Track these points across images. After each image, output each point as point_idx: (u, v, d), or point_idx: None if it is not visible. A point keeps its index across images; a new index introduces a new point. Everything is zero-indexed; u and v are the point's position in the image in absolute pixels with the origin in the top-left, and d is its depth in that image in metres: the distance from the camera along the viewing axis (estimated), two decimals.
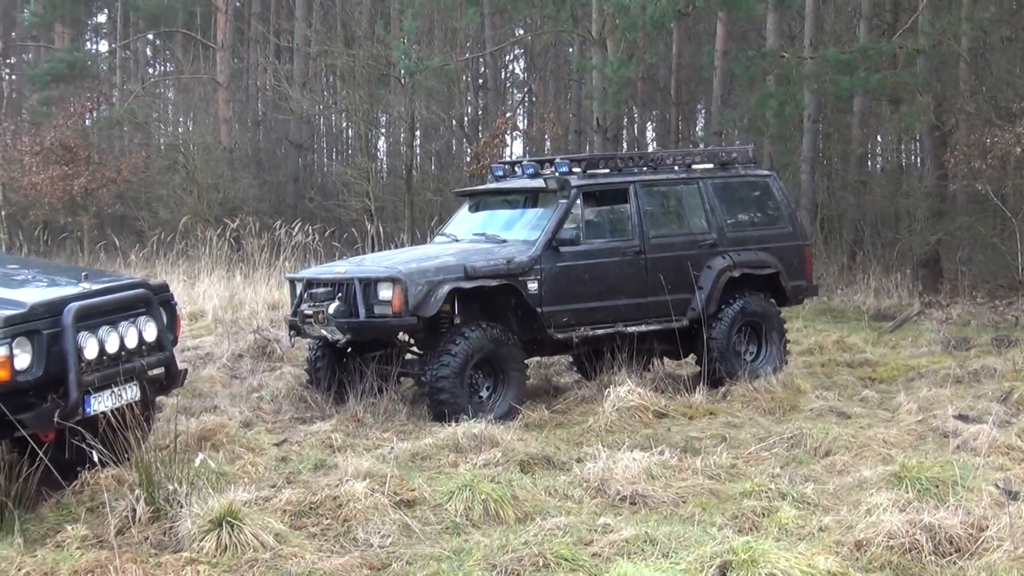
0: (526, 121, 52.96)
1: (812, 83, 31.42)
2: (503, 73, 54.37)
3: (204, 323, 21.35)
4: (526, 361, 14.70)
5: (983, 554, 8.14)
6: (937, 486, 9.63)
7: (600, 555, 8.29)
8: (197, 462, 9.43)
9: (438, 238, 16.44)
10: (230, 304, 23.04)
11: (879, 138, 41.66)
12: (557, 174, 15.41)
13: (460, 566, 8.12)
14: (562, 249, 14.73)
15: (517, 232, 15.25)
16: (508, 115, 43.59)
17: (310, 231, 26.66)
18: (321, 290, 14.19)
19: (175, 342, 11.40)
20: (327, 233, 28.52)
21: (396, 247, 27.32)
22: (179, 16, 51.65)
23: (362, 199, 36.56)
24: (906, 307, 25.11)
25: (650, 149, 49.89)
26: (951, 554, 8.22)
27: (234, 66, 48.12)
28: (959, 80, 32.65)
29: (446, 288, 13.75)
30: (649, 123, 54.31)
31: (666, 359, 16.53)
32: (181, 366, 11.69)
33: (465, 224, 16.22)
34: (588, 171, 15.58)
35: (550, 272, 14.57)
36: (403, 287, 13.56)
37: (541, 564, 8.00)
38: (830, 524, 8.97)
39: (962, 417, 13.17)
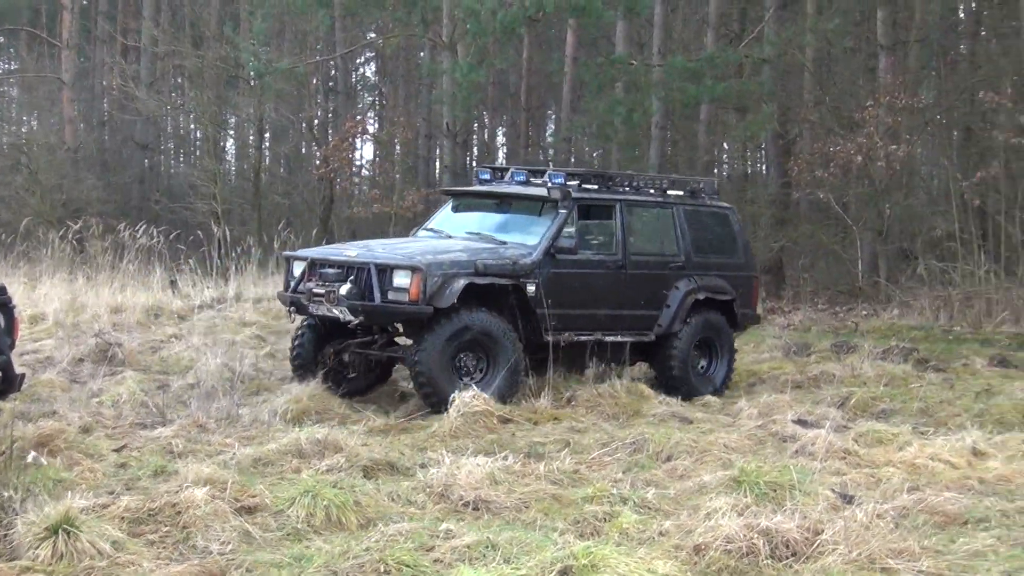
0: (376, 124, 52.83)
1: (660, 90, 31.74)
2: (353, 76, 54.15)
3: (45, 326, 20.93)
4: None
5: (818, 557, 8.28)
6: (775, 490, 9.79)
7: (442, 561, 8.27)
8: (29, 458, 9.25)
9: (422, 232, 16.84)
10: (72, 307, 22.61)
11: (725, 145, 42.26)
12: (550, 184, 15.88)
13: (301, 573, 8.05)
14: (558, 256, 15.33)
15: (513, 235, 15.75)
16: (358, 118, 43.46)
17: (155, 234, 26.31)
18: (332, 271, 14.66)
19: (13, 345, 11.18)
20: (172, 236, 28.15)
21: (245, 251, 27.12)
22: (24, 13, 50.71)
23: (209, 202, 36.19)
24: None
25: (500, 155, 50.04)
26: (787, 558, 8.34)
27: (80, 65, 47.33)
28: (803, 89, 33.28)
29: (462, 282, 14.34)
30: (499, 128, 54.45)
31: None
32: (19, 370, 11.46)
33: (453, 222, 16.71)
34: (582, 185, 16.17)
35: (547, 277, 15.15)
36: (423, 276, 14.08)
37: (382, 570, 7.96)
38: (670, 529, 9.04)
39: (801, 422, 13.40)
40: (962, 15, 35.64)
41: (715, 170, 40.69)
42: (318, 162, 38.58)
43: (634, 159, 35.15)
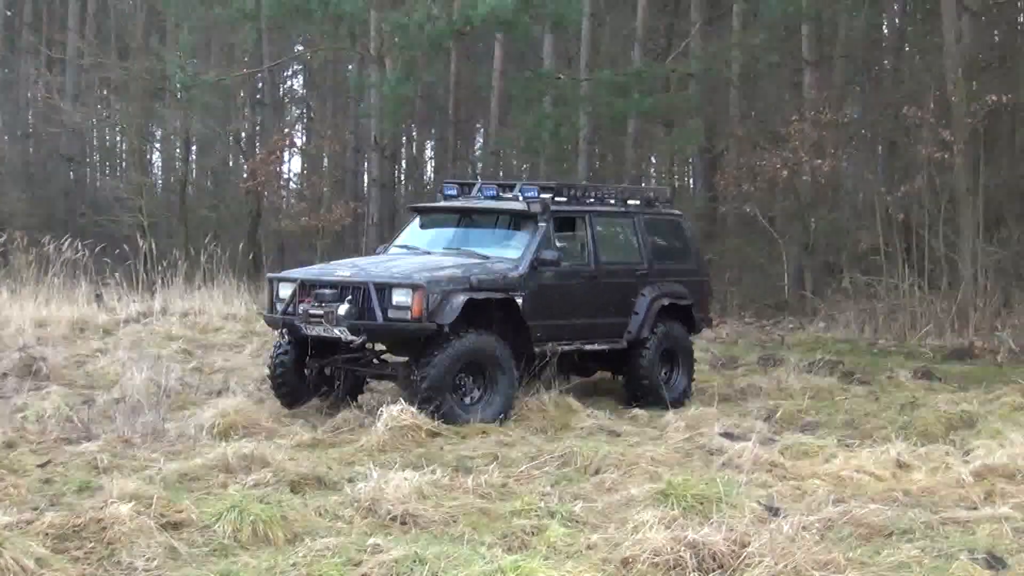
0: (304, 138, 52.66)
1: (587, 105, 31.86)
2: (281, 89, 53.97)
3: None
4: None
5: (745, 570, 8.30)
6: (702, 503, 9.82)
7: (370, 575, 8.26)
8: None
9: (394, 250, 16.90)
10: None
11: (652, 159, 42.39)
12: (523, 198, 16.21)
13: None
14: (540, 269, 15.56)
15: (493, 250, 15.97)
16: (286, 131, 43.33)
17: (80, 247, 26.12)
18: (327, 291, 14.71)
19: None
20: (98, 249, 27.92)
21: (171, 264, 26.94)
22: None
23: (135, 215, 36.00)
24: None
25: (428, 168, 50.02)
26: (714, 570, 8.36)
27: (4, 77, 46.95)
28: (729, 104, 33.49)
29: (461, 298, 14.51)
30: (428, 141, 54.43)
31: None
32: None
33: (425, 238, 16.90)
34: (555, 198, 16.35)
35: (532, 290, 15.40)
36: (424, 294, 14.23)
37: None
38: (598, 542, 9.05)
39: (728, 435, 13.45)
40: (886, 31, 36.01)
41: (643, 184, 40.84)
42: (245, 175, 38.47)
43: (562, 173, 35.23)
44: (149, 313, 24.74)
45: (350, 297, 14.55)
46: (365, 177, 47.06)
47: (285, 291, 15.26)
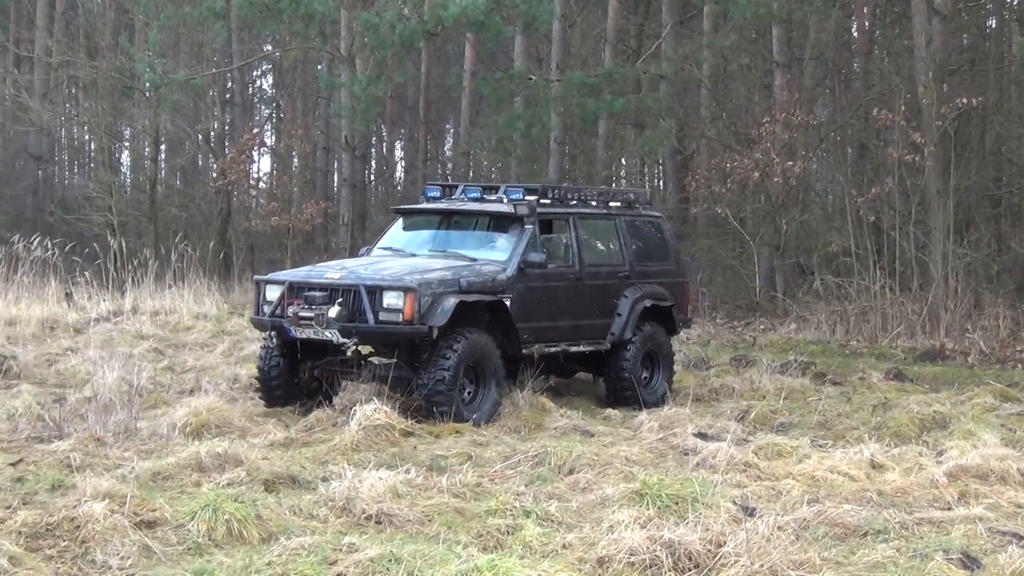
0: (274, 137, 52.55)
1: (558, 105, 31.87)
2: (250, 88, 53.84)
3: None
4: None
5: (721, 569, 8.32)
6: (677, 503, 9.82)
7: (345, 575, 8.22)
8: None
9: (377, 251, 16.77)
10: None
11: (623, 160, 42.42)
12: (507, 200, 16.23)
13: None
14: (527, 271, 15.60)
15: (479, 252, 16.02)
16: (255, 131, 43.22)
17: (50, 246, 26.02)
18: (317, 294, 14.70)
19: None
20: (67, 248, 27.81)
21: (142, 263, 26.83)
22: None
23: (104, 214, 35.86)
24: None
25: (399, 168, 49.96)
26: (690, 570, 8.37)
27: None
28: (700, 106, 33.58)
29: (452, 300, 14.54)
30: (398, 142, 54.38)
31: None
32: None
33: (409, 240, 16.91)
34: (539, 200, 16.39)
35: (519, 292, 15.46)
36: (416, 296, 14.26)
37: None
38: (573, 541, 9.05)
39: (701, 435, 13.47)
40: (855, 34, 36.07)
41: (613, 185, 40.89)
42: (215, 174, 38.33)
43: (533, 174, 35.24)
44: (119, 312, 24.67)
45: (340, 300, 14.54)
46: (335, 177, 47.06)
47: (272, 293, 15.21)
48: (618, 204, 17.49)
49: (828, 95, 34.79)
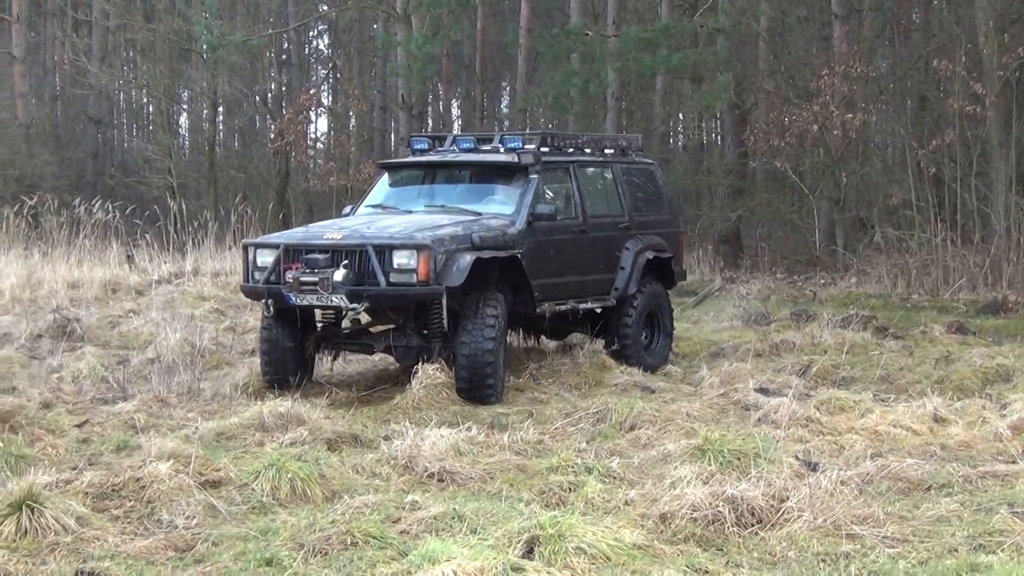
0: (331, 97, 52.61)
1: (615, 61, 31.72)
2: (307, 49, 53.92)
3: (1, 302, 20.83)
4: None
5: (784, 524, 8.30)
6: (739, 459, 9.80)
7: (408, 532, 8.27)
8: None
9: (365, 209, 15.59)
10: (28, 283, 22.51)
11: (680, 116, 42.24)
12: (504, 149, 15.29)
13: (267, 546, 8.02)
14: (535, 224, 14.56)
15: (481, 206, 14.95)
16: (312, 91, 43.28)
17: (111, 209, 26.20)
18: (320, 256, 13.35)
19: None
20: (128, 211, 28.00)
21: (201, 225, 26.93)
22: None
23: (164, 176, 36.04)
24: (708, 282, 25.49)
25: (455, 127, 49.93)
26: (753, 525, 8.36)
27: (30, 39, 46.90)
28: (758, 59, 33.27)
29: (468, 257, 13.41)
30: (454, 100, 54.30)
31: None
32: None
33: (401, 196, 15.70)
34: (540, 148, 15.39)
35: (528, 247, 14.40)
36: (430, 255, 13.12)
37: (349, 542, 7.93)
38: (635, 498, 9.06)
39: (763, 390, 13.44)
40: None
41: (670, 141, 40.76)
42: (273, 135, 38.44)
43: (591, 130, 35.16)
44: (180, 274, 24.79)
45: (346, 262, 13.29)
46: (393, 136, 47.04)
47: (265, 258, 13.88)
48: (612, 151, 16.53)
49: (887, 46, 34.47)
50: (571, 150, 15.92)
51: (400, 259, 13.20)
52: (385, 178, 16.20)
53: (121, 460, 10.13)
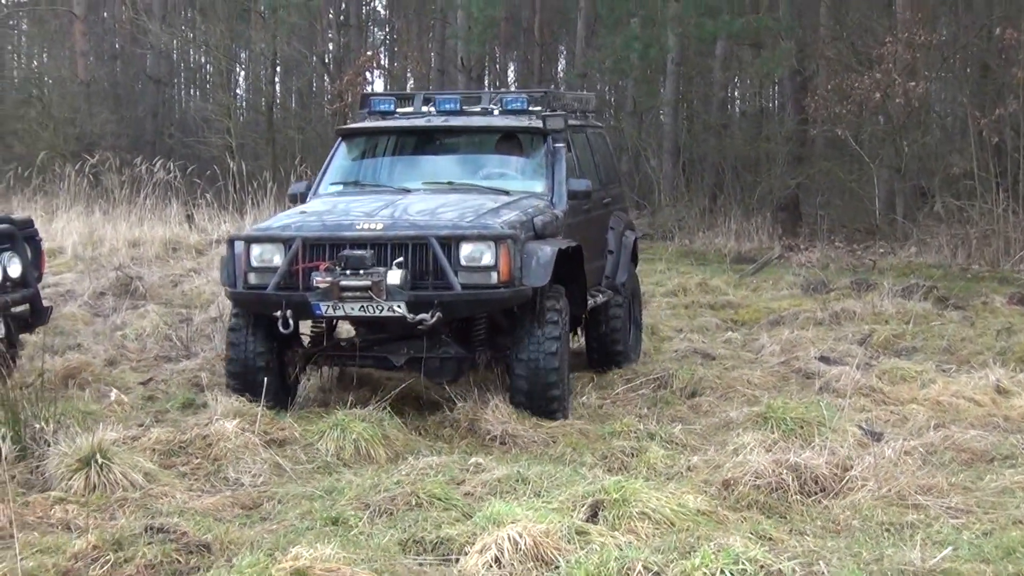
0: (388, 59, 52.59)
1: (676, 26, 31.58)
2: (365, 10, 53.89)
3: (63, 260, 21.03)
4: None
5: (847, 493, 8.32)
6: (802, 427, 9.82)
7: (472, 494, 8.33)
8: (112, 396, 9.34)
9: (331, 188, 12.41)
10: (90, 241, 22.73)
11: (738, 82, 42.01)
12: (498, 112, 12.78)
13: (332, 505, 8.10)
14: (571, 204, 12.02)
15: (499, 182, 12.21)
16: (371, 53, 43.30)
17: (171, 168, 26.36)
18: (363, 252, 10.26)
19: (40, 278, 11.28)
20: (188, 170, 28.15)
21: (261, 185, 27.00)
22: None
23: (223, 136, 36.16)
24: (766, 250, 25.40)
25: (512, 89, 49.90)
26: (816, 493, 8.38)
27: None
28: (820, 26, 33.04)
29: (548, 249, 10.72)
30: (511, 63, 54.21)
31: None
32: (45, 303, 11.54)
33: (380, 170, 12.73)
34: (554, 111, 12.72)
35: (568, 231, 11.70)
36: (509, 247, 10.40)
37: (414, 503, 8.00)
38: (698, 464, 9.09)
39: (824, 359, 13.41)
40: None
41: (728, 107, 40.58)
42: (331, 96, 38.48)
43: (648, 95, 35.05)
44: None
45: (400, 259, 10.34)
46: None
47: (270, 254, 10.70)
48: (575, 114, 13.55)
49: (950, 14, 34.15)
50: (559, 111, 12.77)
51: (472, 253, 10.43)
52: (343, 149, 12.94)
53: (187, 418, 10.27)
